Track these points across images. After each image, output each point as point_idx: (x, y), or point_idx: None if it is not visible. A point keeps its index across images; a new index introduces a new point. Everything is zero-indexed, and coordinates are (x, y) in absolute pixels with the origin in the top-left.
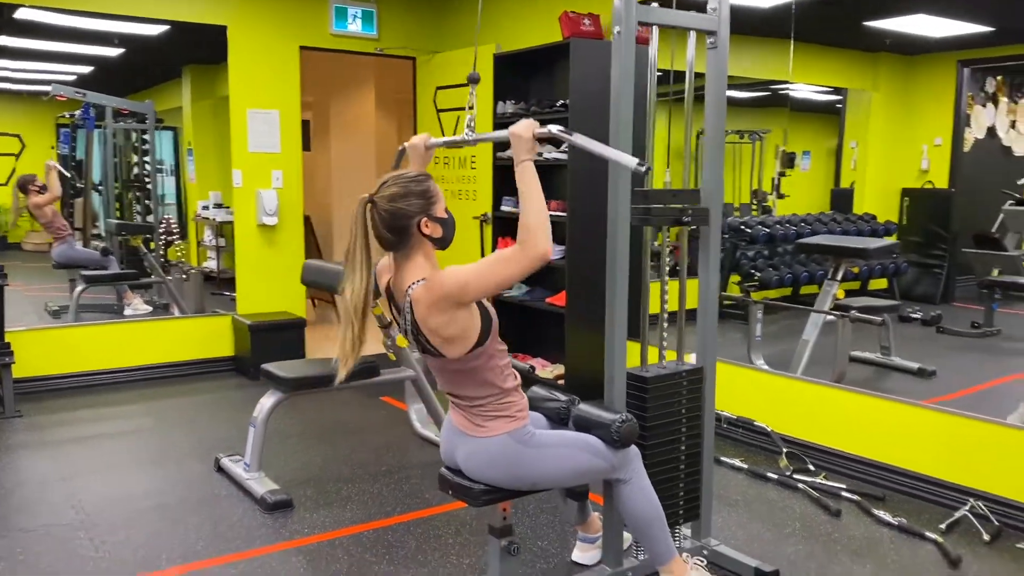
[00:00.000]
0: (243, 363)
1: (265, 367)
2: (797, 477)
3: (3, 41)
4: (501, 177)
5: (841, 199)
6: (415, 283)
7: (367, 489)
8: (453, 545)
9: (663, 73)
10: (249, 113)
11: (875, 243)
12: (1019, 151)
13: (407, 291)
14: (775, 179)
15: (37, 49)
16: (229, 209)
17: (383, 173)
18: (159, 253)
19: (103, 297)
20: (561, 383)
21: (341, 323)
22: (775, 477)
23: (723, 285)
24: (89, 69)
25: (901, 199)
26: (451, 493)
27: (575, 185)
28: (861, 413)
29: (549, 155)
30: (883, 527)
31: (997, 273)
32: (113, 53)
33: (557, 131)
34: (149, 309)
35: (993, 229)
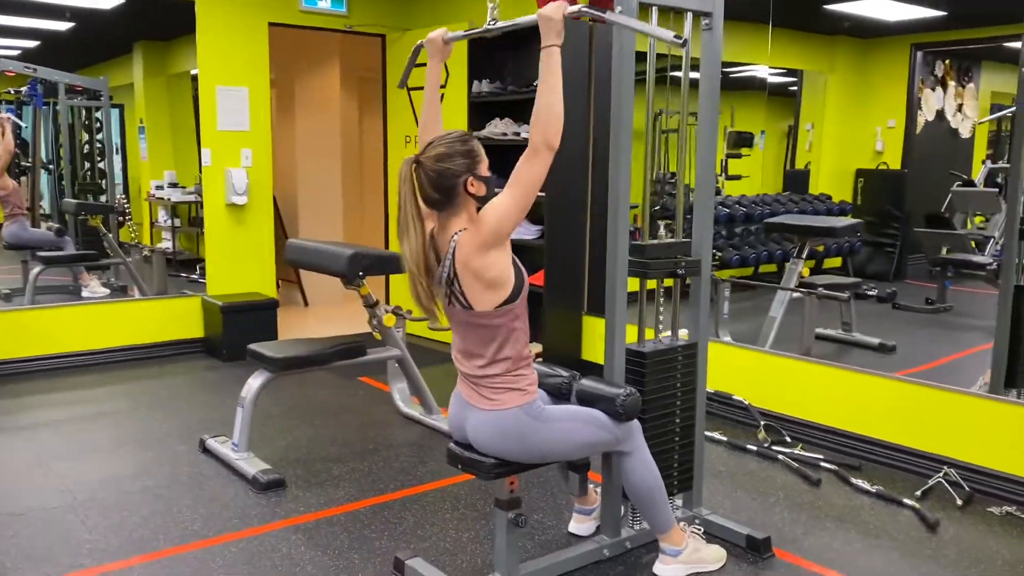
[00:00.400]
0: (214, 344)
1: (252, 347)
2: (776, 449)
3: None
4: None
5: (796, 180)
6: (461, 231)
7: (357, 468)
8: (451, 520)
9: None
10: (218, 90)
11: (841, 222)
12: (965, 134)
13: (452, 237)
14: (723, 160)
15: None
16: (185, 189)
17: (349, 154)
18: (116, 234)
19: (56, 279)
20: (540, 361)
21: (409, 282)
22: (754, 449)
23: None
24: (34, 44)
25: (855, 180)
26: (461, 468)
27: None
28: (834, 385)
29: (525, 134)
30: (862, 495)
31: (946, 251)
32: (62, 27)
33: (587, 9)
34: (107, 292)
35: (943, 209)
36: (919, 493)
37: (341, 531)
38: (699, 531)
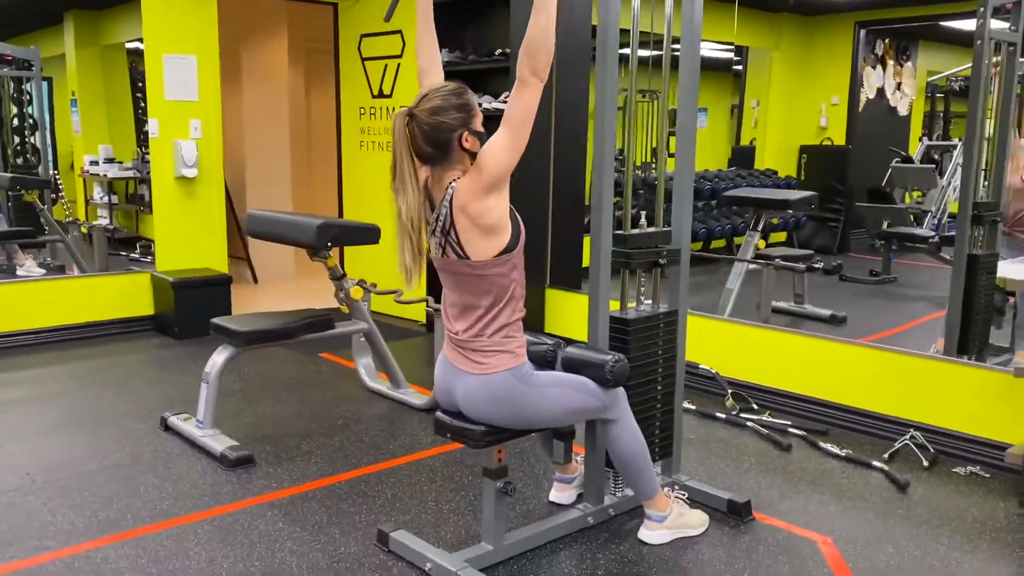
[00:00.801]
0: (165, 322)
1: (216, 321)
2: (744, 416)
3: None
4: None
5: (742, 156)
6: (457, 179)
7: (327, 443)
8: (429, 492)
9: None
10: (165, 59)
11: (797, 195)
12: (903, 111)
13: (448, 185)
14: (666, 137)
15: None
16: (123, 164)
17: (300, 126)
18: (50, 210)
19: None
20: None
21: (398, 238)
22: (723, 417)
23: None
24: None
25: (799, 156)
26: (449, 436)
27: None
28: (797, 353)
29: (490, 105)
30: (832, 459)
31: (887, 225)
32: None
33: None
34: (43, 272)
35: (883, 184)
36: (887, 456)
37: (318, 506)
38: (683, 496)
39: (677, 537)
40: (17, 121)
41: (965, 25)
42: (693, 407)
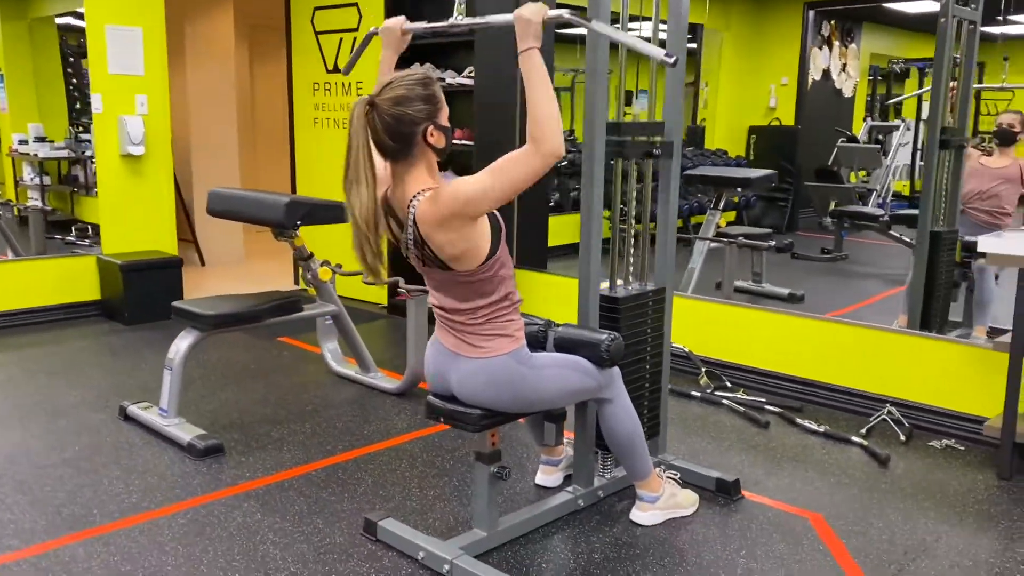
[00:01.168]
0: (113, 306)
1: (178, 305)
2: (719, 394)
3: None
4: None
5: (693, 135)
6: (418, 195)
7: (298, 430)
8: (411, 478)
9: None
10: (107, 29)
11: (757, 173)
12: (848, 93)
13: (410, 204)
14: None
15: None
16: (55, 143)
17: (245, 104)
18: None
19: None
20: None
21: (354, 239)
22: (698, 395)
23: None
24: None
25: (748, 136)
26: (443, 421)
27: (482, 112)
28: (767, 330)
29: (453, 80)
30: (810, 435)
31: (834, 204)
32: None
33: (570, 16)
34: None
35: (830, 163)
36: (864, 431)
37: (296, 495)
38: (675, 476)
39: (669, 518)
40: None
41: (908, 8)
42: (668, 386)
